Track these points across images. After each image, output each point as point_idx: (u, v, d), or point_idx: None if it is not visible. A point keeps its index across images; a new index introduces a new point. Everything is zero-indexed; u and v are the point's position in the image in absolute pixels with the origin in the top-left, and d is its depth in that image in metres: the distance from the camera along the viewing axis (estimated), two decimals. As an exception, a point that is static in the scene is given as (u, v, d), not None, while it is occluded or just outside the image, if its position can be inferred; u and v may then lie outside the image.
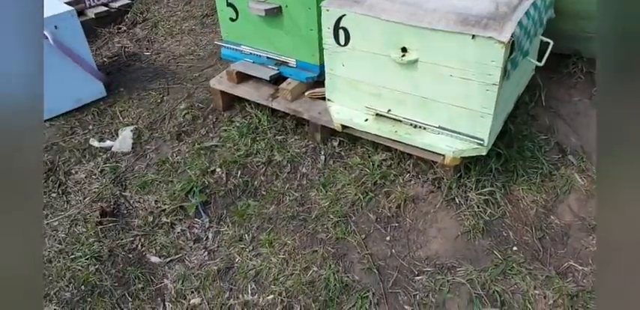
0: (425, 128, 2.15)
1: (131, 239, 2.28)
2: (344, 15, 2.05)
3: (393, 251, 2.11)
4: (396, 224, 2.19)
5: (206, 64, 3.26)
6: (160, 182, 2.49)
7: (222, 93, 2.75)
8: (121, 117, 2.89)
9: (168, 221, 2.33)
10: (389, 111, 2.20)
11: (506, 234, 2.11)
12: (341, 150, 2.51)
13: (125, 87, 3.12)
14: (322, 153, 2.52)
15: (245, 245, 2.21)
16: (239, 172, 2.49)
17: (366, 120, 2.27)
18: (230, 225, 2.29)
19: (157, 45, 3.54)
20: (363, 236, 2.17)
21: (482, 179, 2.23)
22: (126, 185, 2.52)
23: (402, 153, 2.36)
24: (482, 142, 2.04)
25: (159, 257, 2.22)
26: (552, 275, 1.95)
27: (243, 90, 2.68)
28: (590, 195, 2.18)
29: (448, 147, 2.09)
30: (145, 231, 2.31)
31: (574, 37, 2.43)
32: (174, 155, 2.63)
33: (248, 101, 2.73)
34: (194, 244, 2.25)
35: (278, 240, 2.20)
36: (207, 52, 3.37)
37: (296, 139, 2.60)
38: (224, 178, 2.48)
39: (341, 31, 2.10)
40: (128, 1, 3.84)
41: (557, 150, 2.35)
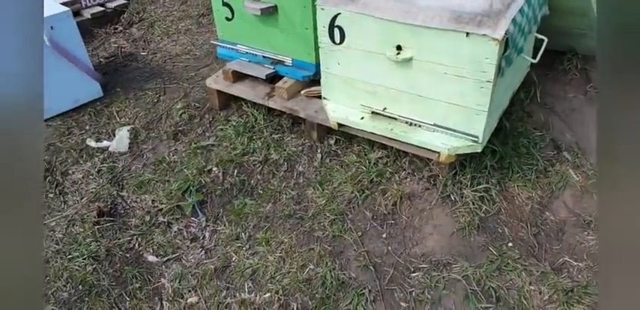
0: (420, 126, 2.16)
1: (128, 238, 2.29)
2: (339, 13, 2.06)
3: (389, 248, 2.11)
4: (392, 221, 2.20)
5: (202, 63, 3.26)
6: (157, 181, 2.50)
7: (218, 92, 2.75)
8: (117, 117, 2.89)
9: (165, 220, 2.34)
10: (384, 109, 2.21)
11: (501, 231, 2.11)
12: (337, 148, 2.52)
13: (122, 87, 3.12)
14: (319, 152, 2.52)
15: (242, 243, 2.21)
16: (235, 171, 2.50)
17: (362, 118, 2.28)
18: (227, 224, 2.29)
19: (154, 45, 3.54)
20: (360, 233, 2.18)
21: (478, 176, 2.23)
22: (123, 185, 2.52)
23: (398, 151, 2.37)
24: (477, 139, 2.04)
25: (156, 257, 2.22)
26: (547, 271, 1.96)
27: (239, 90, 2.69)
28: (585, 191, 2.19)
29: (443, 145, 2.10)
30: (142, 230, 2.31)
31: (568, 33, 2.44)
32: (170, 154, 2.63)
33: (244, 100, 2.74)
34: (191, 243, 2.26)
35: (275, 239, 2.21)
36: (204, 51, 3.37)
37: (292, 138, 2.61)
38: (221, 177, 2.48)
39: (336, 30, 2.11)
40: (124, 1, 3.84)
41: (552, 146, 2.36)
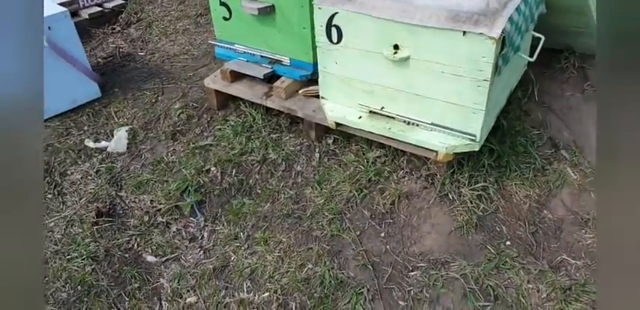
0: (418, 125, 2.16)
1: (127, 239, 2.29)
2: (336, 13, 2.06)
3: (388, 247, 2.12)
4: (391, 220, 2.20)
5: (200, 63, 3.26)
6: (156, 182, 2.50)
7: (216, 92, 2.76)
8: (116, 118, 2.89)
9: (164, 220, 2.34)
10: (382, 108, 2.21)
11: (499, 229, 2.12)
12: (335, 147, 2.52)
13: (120, 87, 3.12)
14: (317, 151, 2.52)
15: (240, 243, 2.22)
16: (234, 171, 2.50)
17: (360, 117, 2.28)
18: (225, 224, 2.29)
19: (152, 45, 3.54)
20: (358, 232, 2.18)
21: (475, 174, 2.24)
22: (121, 185, 2.52)
23: (396, 150, 2.37)
24: (474, 138, 2.05)
25: (155, 257, 2.22)
26: (545, 269, 1.97)
27: (237, 89, 2.69)
28: (583, 189, 2.19)
29: (441, 144, 2.10)
30: (141, 230, 2.32)
31: (565, 32, 2.44)
32: (169, 155, 2.63)
33: (242, 100, 2.74)
34: (190, 243, 2.26)
35: (273, 238, 2.21)
36: (202, 51, 3.37)
37: (290, 137, 2.61)
38: (219, 177, 2.49)
39: (333, 29, 2.11)
40: (122, 1, 3.84)
41: (549, 144, 2.36)
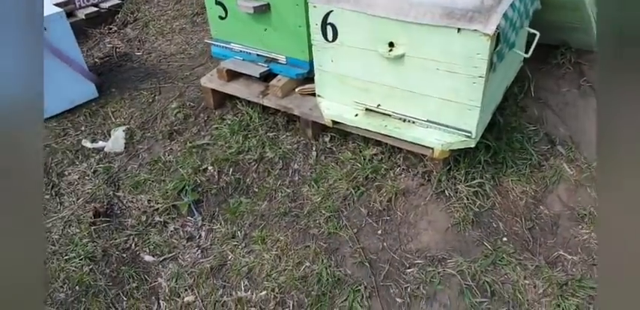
0: (414, 122, 2.16)
1: (125, 238, 2.29)
2: (331, 11, 2.06)
3: (385, 244, 2.12)
4: (387, 217, 2.20)
5: (197, 62, 3.26)
6: (153, 181, 2.50)
7: (213, 91, 2.76)
8: (113, 118, 2.89)
9: (162, 220, 2.34)
10: (378, 105, 2.21)
11: (495, 225, 2.12)
12: (332, 145, 2.52)
13: (117, 87, 3.12)
14: (314, 149, 2.53)
15: (238, 242, 2.22)
16: (231, 170, 2.50)
17: (356, 115, 2.28)
18: (222, 223, 2.30)
19: (148, 44, 3.54)
20: (355, 230, 2.18)
21: (472, 171, 2.24)
22: (119, 185, 2.53)
23: (393, 147, 2.37)
24: (470, 135, 2.05)
25: (152, 256, 2.23)
26: (542, 265, 1.97)
27: (233, 88, 2.69)
28: (579, 184, 2.19)
29: (437, 140, 2.10)
30: (139, 230, 2.32)
31: (561, 27, 2.43)
32: (166, 154, 2.64)
33: (239, 99, 2.74)
34: (187, 242, 2.26)
35: (270, 237, 2.21)
36: (198, 50, 3.37)
37: (287, 136, 2.61)
38: (216, 176, 2.49)
39: (329, 27, 2.11)
40: (118, 1, 3.84)
41: (546, 140, 2.36)
